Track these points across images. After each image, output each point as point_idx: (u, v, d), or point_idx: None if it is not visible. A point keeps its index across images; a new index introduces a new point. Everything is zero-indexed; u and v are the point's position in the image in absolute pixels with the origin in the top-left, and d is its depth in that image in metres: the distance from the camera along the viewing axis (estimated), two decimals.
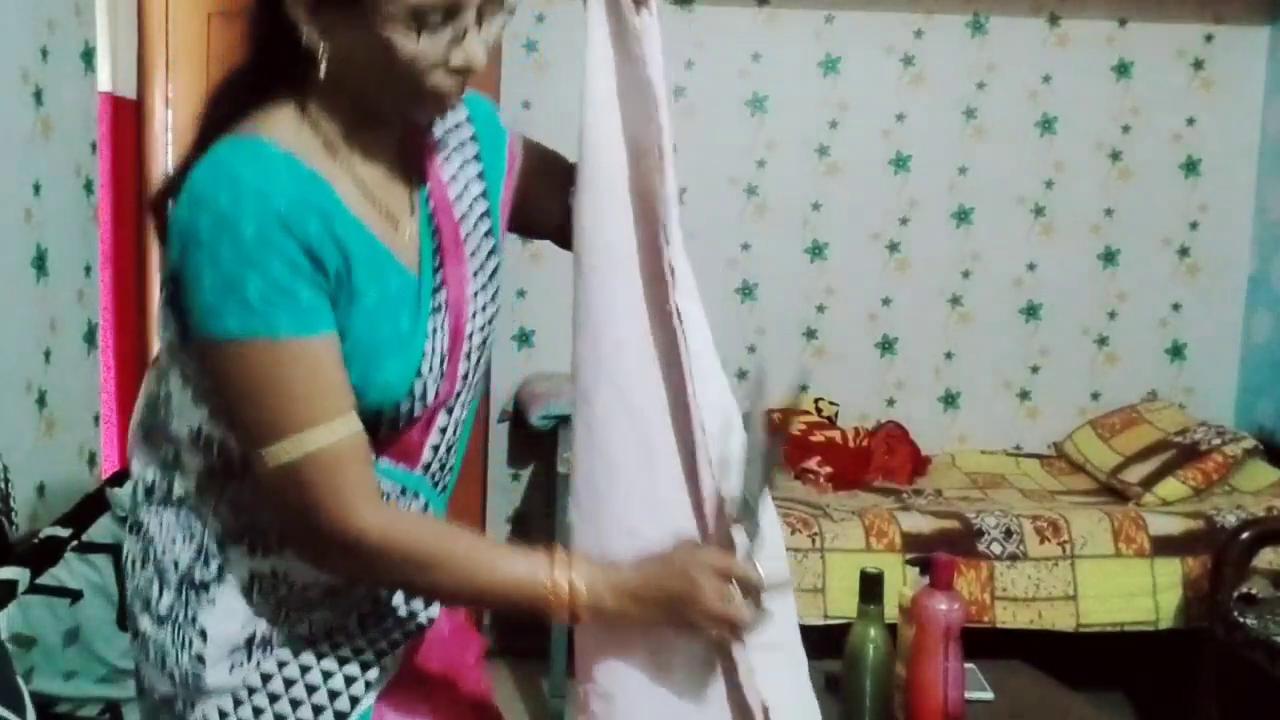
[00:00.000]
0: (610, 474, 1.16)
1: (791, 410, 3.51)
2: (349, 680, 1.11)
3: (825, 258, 3.71)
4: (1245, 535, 2.69)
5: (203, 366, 1.04)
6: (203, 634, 1.07)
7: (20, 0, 2.16)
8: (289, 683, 1.10)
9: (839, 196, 3.68)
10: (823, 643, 2.26)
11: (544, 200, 1.29)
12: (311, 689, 1.10)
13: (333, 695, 1.11)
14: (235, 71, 1.11)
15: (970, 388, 3.78)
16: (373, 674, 1.12)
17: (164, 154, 3.31)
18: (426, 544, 1.06)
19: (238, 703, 1.08)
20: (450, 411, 1.15)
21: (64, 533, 1.86)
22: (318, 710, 1.10)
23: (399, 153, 1.14)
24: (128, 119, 3.15)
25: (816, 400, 3.63)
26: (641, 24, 1.24)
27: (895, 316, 3.74)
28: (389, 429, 1.09)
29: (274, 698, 1.09)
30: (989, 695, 1.84)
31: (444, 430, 1.15)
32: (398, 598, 1.14)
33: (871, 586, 1.66)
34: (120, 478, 1.97)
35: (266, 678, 1.09)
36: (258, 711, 1.08)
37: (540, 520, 3.63)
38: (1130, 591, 2.88)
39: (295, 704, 1.09)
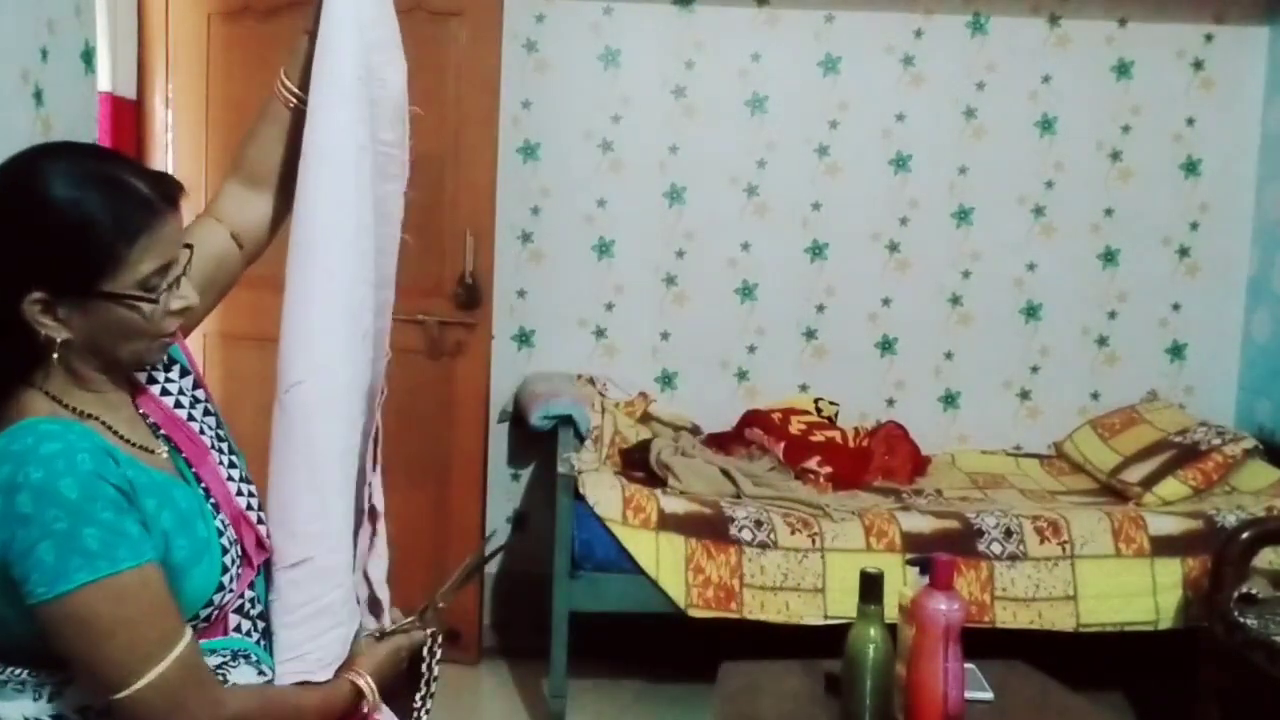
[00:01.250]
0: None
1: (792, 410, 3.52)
2: None
3: (825, 258, 3.71)
4: (1245, 535, 2.69)
5: (49, 632, 1.11)
6: None
7: (20, 0, 2.16)
8: None
9: (839, 196, 3.68)
10: (823, 643, 2.27)
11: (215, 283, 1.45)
12: None
13: None
14: None
15: (970, 388, 3.78)
16: None
17: (164, 154, 3.31)
18: (274, 705, 1.27)
19: None
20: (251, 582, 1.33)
21: None
22: None
23: (127, 394, 1.29)
24: (128, 119, 3.15)
25: (816, 400, 3.63)
26: None
27: (895, 316, 3.74)
28: (205, 620, 1.24)
29: None
30: (989, 695, 1.84)
31: (244, 595, 1.30)
32: None
33: (871, 586, 1.66)
34: None
35: None
36: None
37: (540, 520, 3.63)
38: (1130, 591, 2.88)
39: None
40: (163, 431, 1.29)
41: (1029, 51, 3.65)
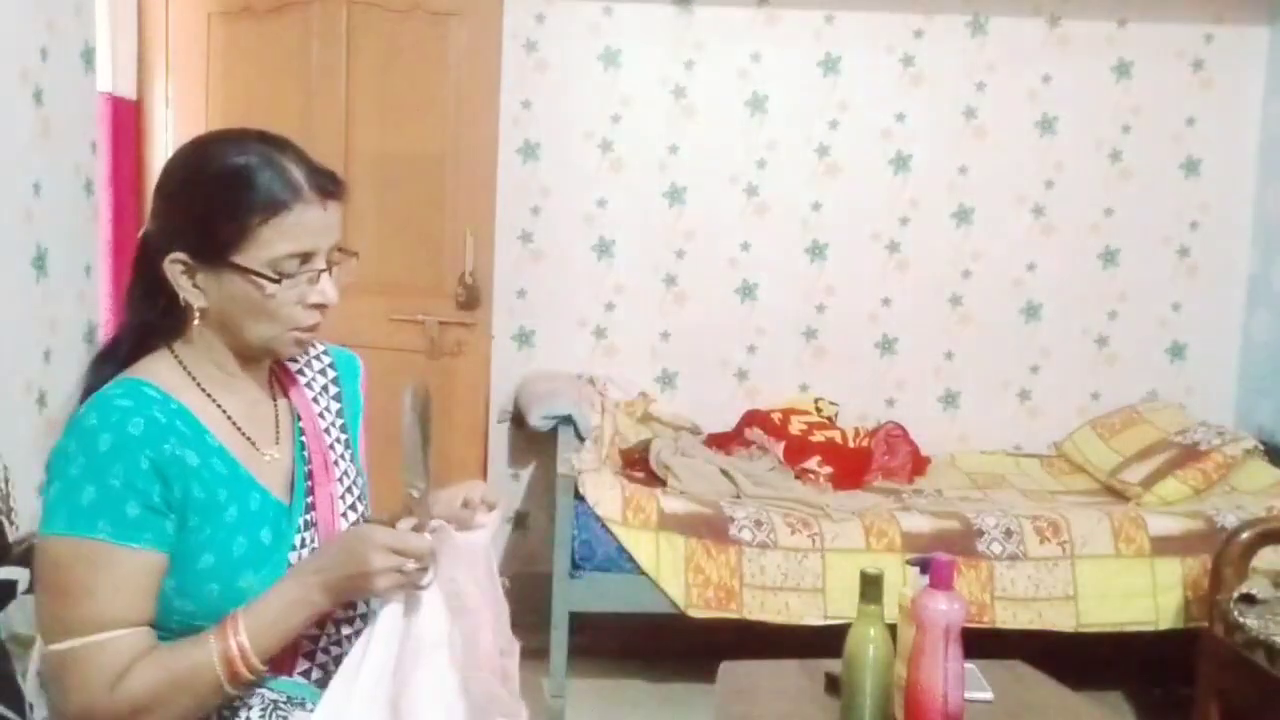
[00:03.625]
0: None
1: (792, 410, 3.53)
2: None
3: (825, 258, 3.71)
4: (1245, 535, 2.69)
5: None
6: None
7: (20, 0, 2.16)
8: None
9: (839, 196, 3.68)
10: (823, 643, 2.27)
11: None
12: None
13: None
14: (114, 338, 1.29)
15: (970, 388, 3.77)
16: None
17: (164, 154, 3.31)
18: (150, 687, 1.14)
19: None
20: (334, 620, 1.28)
21: None
22: None
23: (268, 387, 1.33)
24: (128, 119, 3.15)
25: (816, 400, 3.63)
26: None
27: (895, 316, 3.74)
28: None
29: None
30: (989, 695, 1.84)
31: (319, 638, 1.28)
32: None
33: (871, 586, 1.66)
34: None
35: None
36: None
37: (540, 520, 3.63)
38: (1130, 591, 2.88)
39: None
40: (305, 439, 1.32)
41: (1029, 51, 3.65)
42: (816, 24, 3.62)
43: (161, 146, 3.31)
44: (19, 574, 1.64)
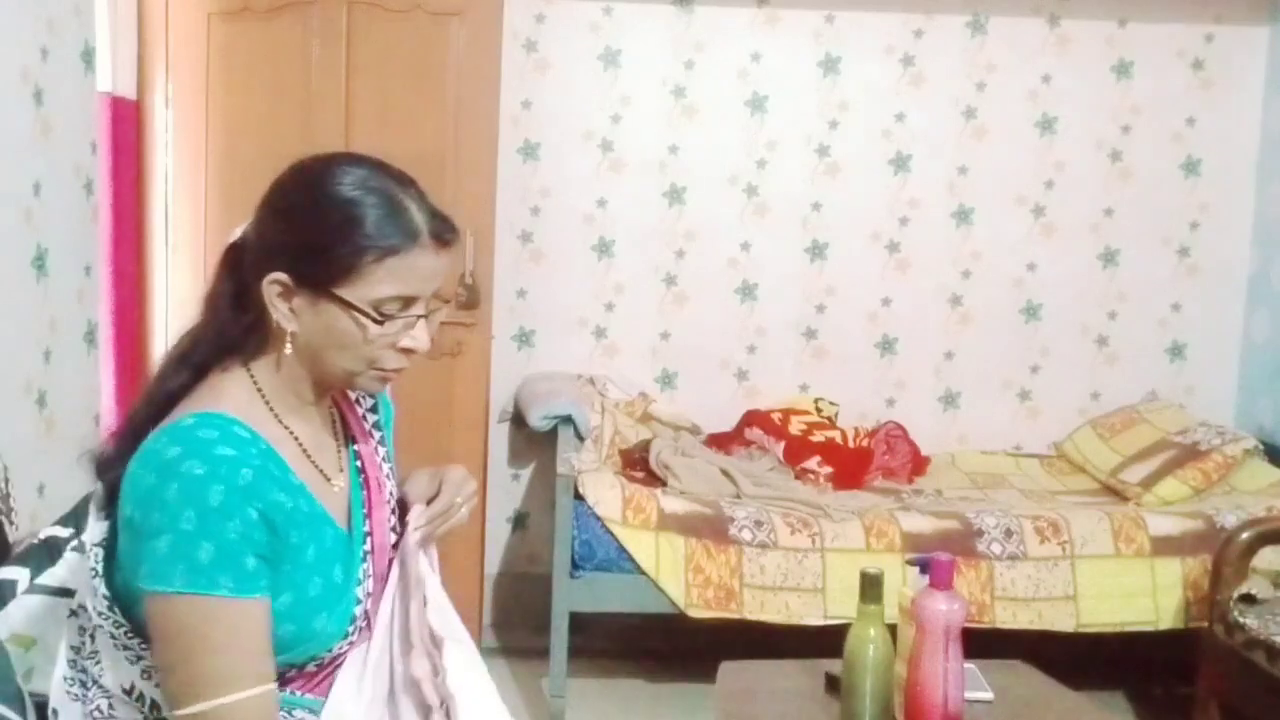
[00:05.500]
0: None
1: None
2: None
3: (825, 258, 3.71)
4: (1245, 535, 2.69)
5: (145, 620, 1.11)
6: None
7: (20, 0, 2.16)
8: None
9: (839, 196, 3.68)
10: (823, 643, 2.27)
11: None
12: None
13: None
14: (190, 341, 1.21)
15: (970, 388, 3.77)
16: None
17: (164, 154, 3.31)
18: None
19: None
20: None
21: (64, 533, 1.85)
22: None
23: (329, 414, 1.30)
24: (128, 119, 3.15)
25: (816, 400, 3.63)
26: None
27: (895, 316, 3.74)
28: (317, 666, 1.20)
29: None
30: (989, 695, 1.84)
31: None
32: None
33: (871, 586, 1.66)
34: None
35: None
36: None
37: (540, 520, 3.63)
38: (1130, 591, 2.88)
39: None
40: (360, 464, 1.29)
41: (1029, 51, 3.65)
42: (816, 24, 3.62)
43: (161, 146, 3.31)
44: (19, 574, 1.64)
